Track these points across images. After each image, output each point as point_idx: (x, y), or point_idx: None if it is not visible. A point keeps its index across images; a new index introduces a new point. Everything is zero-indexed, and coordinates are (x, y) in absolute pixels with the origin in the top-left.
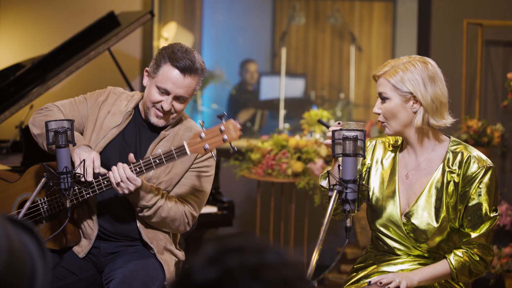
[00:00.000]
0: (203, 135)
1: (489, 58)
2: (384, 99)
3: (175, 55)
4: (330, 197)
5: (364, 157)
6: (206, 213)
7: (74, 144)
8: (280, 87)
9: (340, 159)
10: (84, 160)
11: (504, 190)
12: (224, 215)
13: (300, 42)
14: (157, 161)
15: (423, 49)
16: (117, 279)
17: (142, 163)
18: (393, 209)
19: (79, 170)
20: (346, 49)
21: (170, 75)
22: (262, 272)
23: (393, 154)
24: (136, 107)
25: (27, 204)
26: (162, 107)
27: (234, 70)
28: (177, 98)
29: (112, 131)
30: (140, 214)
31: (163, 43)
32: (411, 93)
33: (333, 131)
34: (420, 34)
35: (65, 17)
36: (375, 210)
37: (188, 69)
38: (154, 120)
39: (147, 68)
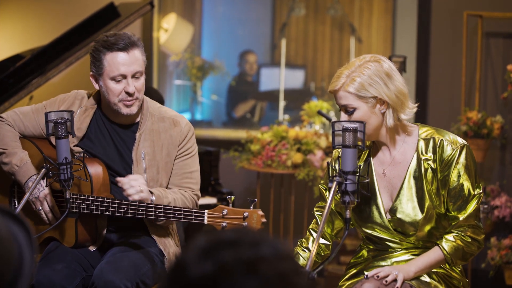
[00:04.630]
0: (225, 212)
1: (489, 50)
2: (350, 110)
3: (108, 42)
4: (329, 188)
5: (364, 149)
6: (206, 204)
7: (74, 135)
8: (280, 79)
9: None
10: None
11: (504, 182)
12: None
13: (300, 33)
14: (176, 214)
15: (423, 41)
16: (106, 259)
17: (163, 210)
18: (375, 210)
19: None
20: (346, 40)
21: (117, 60)
22: (257, 266)
23: (365, 154)
24: (97, 109)
25: (27, 196)
26: (127, 93)
27: (234, 62)
28: (133, 76)
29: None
30: (159, 222)
31: (163, 34)
32: (376, 97)
33: (333, 122)
34: (420, 26)
35: (65, 8)
36: (358, 214)
37: (127, 45)
38: (126, 110)
39: (91, 73)
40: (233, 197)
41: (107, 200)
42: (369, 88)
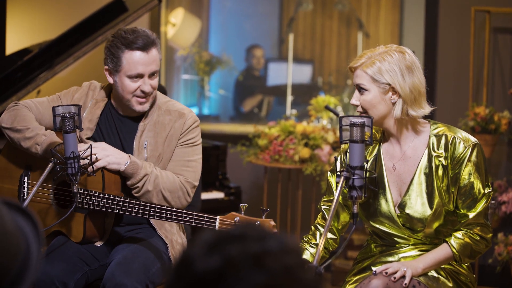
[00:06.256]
0: (237, 219)
1: (496, 45)
2: (362, 90)
3: (127, 40)
4: (337, 183)
5: (371, 144)
6: (213, 199)
7: (81, 129)
8: (288, 73)
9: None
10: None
11: (511, 177)
12: (231, 201)
13: (308, 28)
14: (188, 218)
15: (431, 36)
16: (116, 260)
17: (174, 213)
18: (384, 204)
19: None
20: (353, 35)
21: (135, 59)
22: (264, 260)
23: (376, 148)
24: (108, 101)
25: (34, 189)
26: (143, 91)
27: (241, 56)
28: (151, 75)
29: (88, 126)
30: (142, 192)
31: (170, 29)
32: (389, 84)
33: (340, 117)
34: (428, 21)
35: (72, 2)
36: (366, 208)
37: (147, 44)
38: (138, 108)
39: (106, 67)
40: (245, 205)
41: (118, 199)
42: (384, 74)
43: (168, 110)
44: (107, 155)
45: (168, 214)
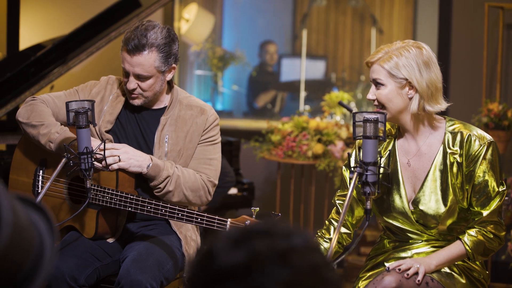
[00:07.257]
0: (248, 223)
1: (510, 41)
2: (378, 85)
3: (126, 35)
4: (350, 179)
5: (385, 140)
6: (227, 194)
7: (95, 125)
8: (301, 69)
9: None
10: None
11: None
12: (244, 197)
13: (321, 24)
14: (199, 219)
15: (444, 32)
16: (131, 257)
17: (186, 213)
18: (398, 200)
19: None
20: (367, 31)
21: (124, 56)
22: (290, 256)
23: (391, 143)
24: None
25: (48, 184)
26: (127, 87)
27: (254, 52)
28: (137, 77)
29: (108, 119)
30: (163, 192)
31: (184, 25)
32: (406, 79)
33: (354, 113)
34: (441, 17)
35: None
36: (380, 204)
37: (135, 48)
38: (131, 101)
39: None
40: (257, 209)
41: (131, 197)
42: (401, 69)
43: (189, 105)
44: (129, 158)
45: (180, 214)
